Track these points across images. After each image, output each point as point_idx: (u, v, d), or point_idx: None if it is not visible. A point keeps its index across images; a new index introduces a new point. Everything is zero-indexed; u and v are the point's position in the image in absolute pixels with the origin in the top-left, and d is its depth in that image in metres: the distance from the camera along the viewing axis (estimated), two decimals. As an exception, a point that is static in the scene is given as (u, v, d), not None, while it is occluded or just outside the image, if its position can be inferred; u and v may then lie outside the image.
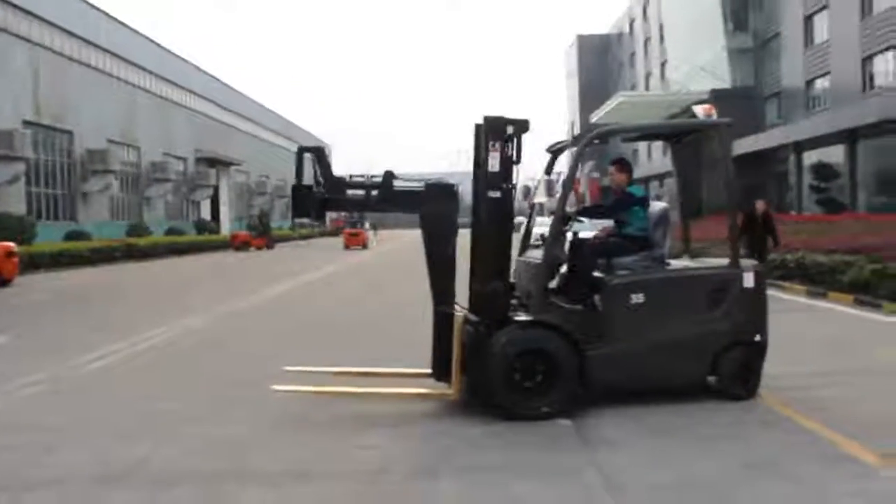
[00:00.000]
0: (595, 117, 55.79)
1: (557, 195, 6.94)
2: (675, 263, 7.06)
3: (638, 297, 6.45)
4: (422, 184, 6.61)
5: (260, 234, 46.82)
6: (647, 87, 66.62)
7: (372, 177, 6.63)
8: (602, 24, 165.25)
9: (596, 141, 6.89)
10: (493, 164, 6.34)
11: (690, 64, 52.74)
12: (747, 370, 6.58)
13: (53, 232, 34.26)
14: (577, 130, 74.06)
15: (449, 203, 6.47)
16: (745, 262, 6.89)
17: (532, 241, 7.87)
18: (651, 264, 6.82)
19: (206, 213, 59.40)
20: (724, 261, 6.84)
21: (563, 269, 6.95)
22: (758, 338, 6.61)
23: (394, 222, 61.98)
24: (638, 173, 63.81)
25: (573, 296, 6.63)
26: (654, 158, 59.60)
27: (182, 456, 5.41)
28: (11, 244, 21.10)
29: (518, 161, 6.44)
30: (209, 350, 9.87)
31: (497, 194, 6.36)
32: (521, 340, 6.26)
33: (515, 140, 6.40)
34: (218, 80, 65.04)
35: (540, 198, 7.88)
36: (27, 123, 35.12)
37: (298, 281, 21.00)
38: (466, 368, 6.34)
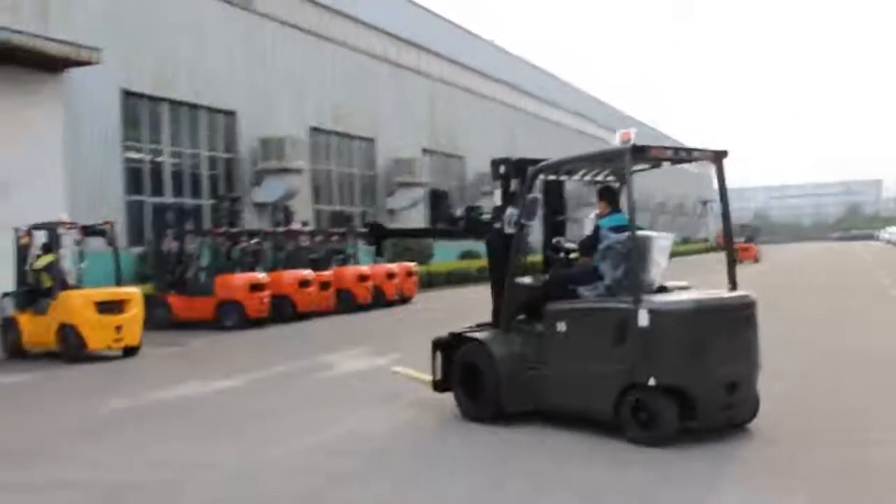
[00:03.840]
0: None
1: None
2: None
3: (561, 326, 6.71)
4: (490, 215, 7.71)
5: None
6: None
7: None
8: None
9: (542, 176, 7.51)
10: (496, 198, 7.49)
11: None
12: (647, 414, 6.13)
13: (448, 252, 36.79)
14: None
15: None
16: (650, 298, 6.36)
17: None
18: (604, 293, 6.75)
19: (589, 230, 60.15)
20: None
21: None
22: (651, 381, 6.09)
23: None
24: None
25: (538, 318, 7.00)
26: None
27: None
28: (412, 264, 22.86)
29: (516, 196, 7.34)
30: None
31: (499, 225, 7.38)
32: (464, 353, 7.28)
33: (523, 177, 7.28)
34: (589, 95, 65.83)
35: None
36: (425, 151, 38.26)
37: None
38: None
